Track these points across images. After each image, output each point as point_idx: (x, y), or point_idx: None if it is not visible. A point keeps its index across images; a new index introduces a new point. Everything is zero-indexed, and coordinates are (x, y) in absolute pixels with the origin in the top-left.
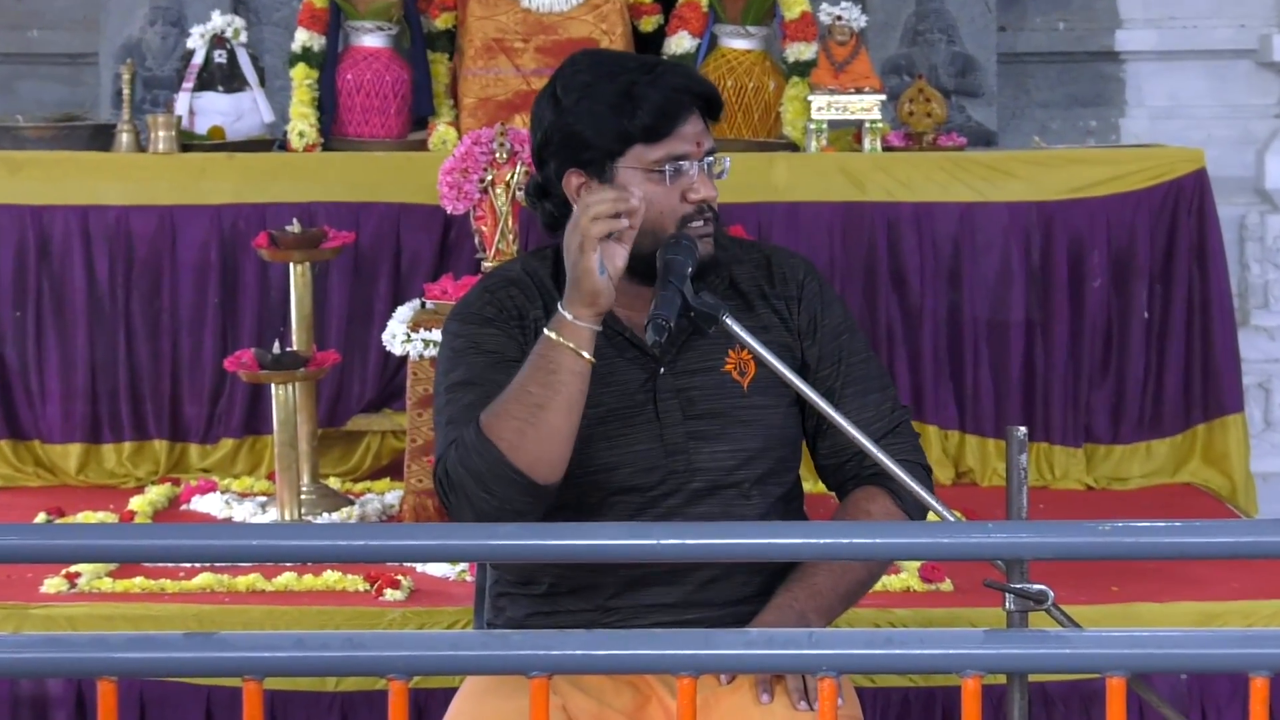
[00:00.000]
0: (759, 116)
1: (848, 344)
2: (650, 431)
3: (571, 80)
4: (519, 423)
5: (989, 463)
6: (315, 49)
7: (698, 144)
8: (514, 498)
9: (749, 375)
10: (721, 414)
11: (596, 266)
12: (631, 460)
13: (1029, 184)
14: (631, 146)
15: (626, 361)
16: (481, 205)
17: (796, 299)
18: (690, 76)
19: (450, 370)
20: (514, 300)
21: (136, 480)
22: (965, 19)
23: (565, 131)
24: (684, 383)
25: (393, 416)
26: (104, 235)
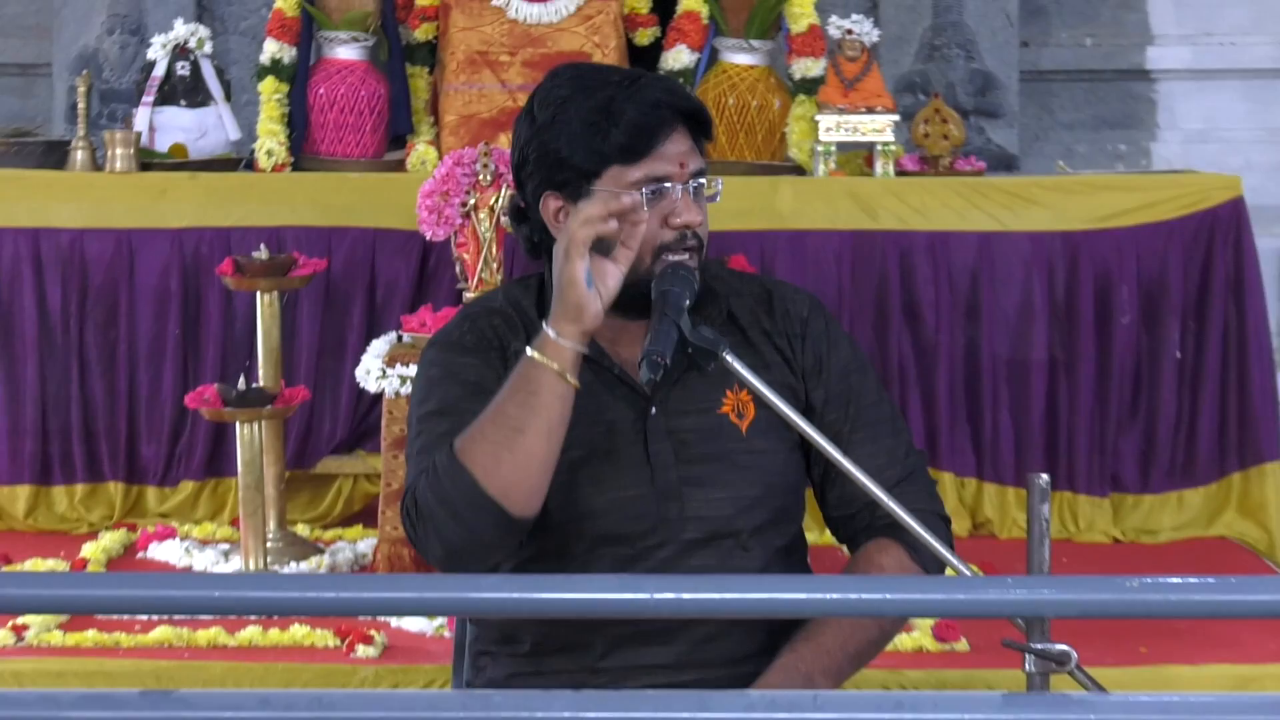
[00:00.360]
0: (762, 137)
1: (857, 385)
2: (640, 475)
3: (549, 95)
4: (494, 446)
5: (1008, 513)
6: (285, 61)
7: (681, 164)
8: (485, 529)
9: (748, 418)
10: (718, 458)
11: (583, 276)
12: (620, 506)
13: (1053, 212)
14: (608, 167)
15: (615, 399)
16: (463, 231)
17: (800, 336)
18: (673, 90)
19: (425, 399)
20: (496, 330)
21: (89, 525)
22: (985, 33)
23: (540, 151)
24: (677, 424)
25: (366, 458)
26: (56, 260)
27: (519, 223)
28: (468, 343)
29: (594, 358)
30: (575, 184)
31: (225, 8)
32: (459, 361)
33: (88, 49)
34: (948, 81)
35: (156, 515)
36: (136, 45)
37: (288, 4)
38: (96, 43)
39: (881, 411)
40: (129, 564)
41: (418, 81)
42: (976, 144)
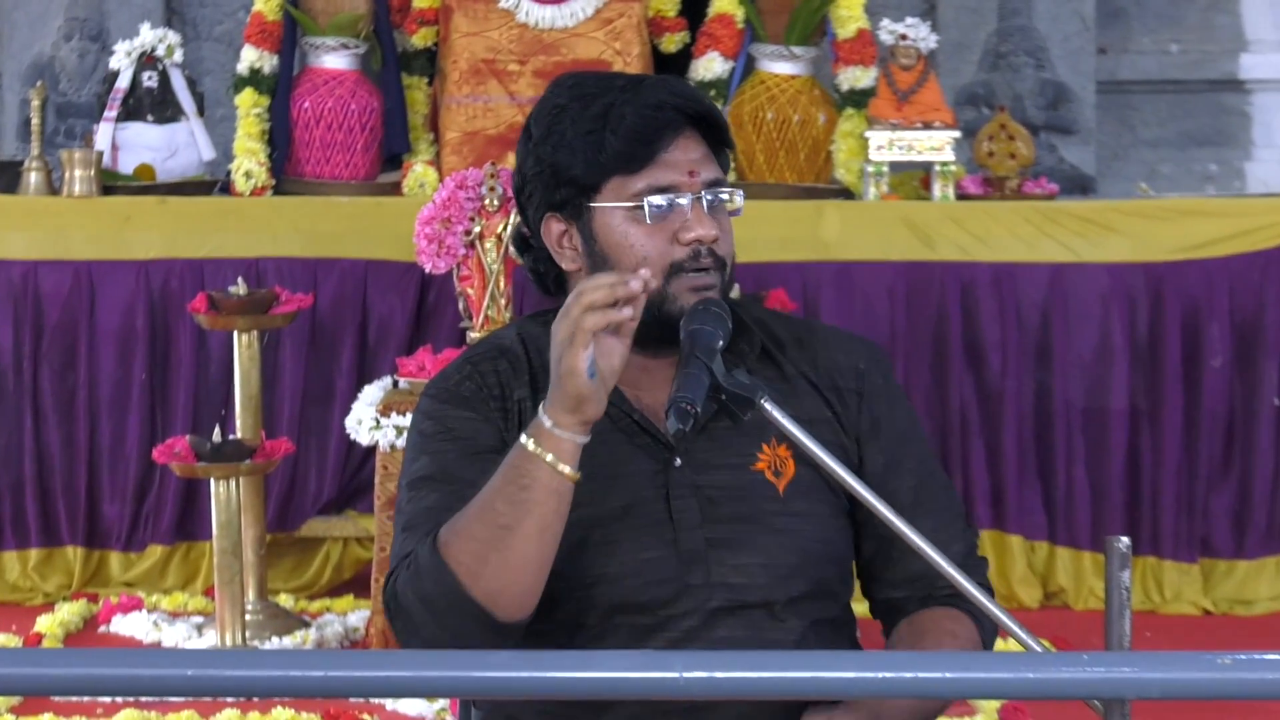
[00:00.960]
0: (805, 156)
1: (915, 452)
2: (661, 536)
3: (545, 106)
4: (480, 545)
5: (1084, 581)
6: (265, 71)
7: (690, 173)
8: (470, 633)
9: (786, 476)
10: (749, 519)
11: (585, 367)
12: (638, 570)
13: (1134, 241)
14: (608, 180)
15: (634, 450)
16: (467, 263)
17: (856, 392)
18: (678, 91)
19: (414, 459)
20: (499, 376)
21: (45, 595)
22: (1057, 38)
23: (537, 168)
24: (705, 479)
25: (357, 520)
26: (7, 296)
27: (523, 251)
28: (465, 392)
29: (613, 402)
30: (575, 202)
31: (197, 10)
32: (453, 415)
33: (42, 57)
34: (1015, 93)
35: (120, 584)
36: (97, 53)
37: (268, 6)
38: (52, 50)
39: (938, 481)
40: (90, 639)
41: (415, 94)
42: (1047, 164)
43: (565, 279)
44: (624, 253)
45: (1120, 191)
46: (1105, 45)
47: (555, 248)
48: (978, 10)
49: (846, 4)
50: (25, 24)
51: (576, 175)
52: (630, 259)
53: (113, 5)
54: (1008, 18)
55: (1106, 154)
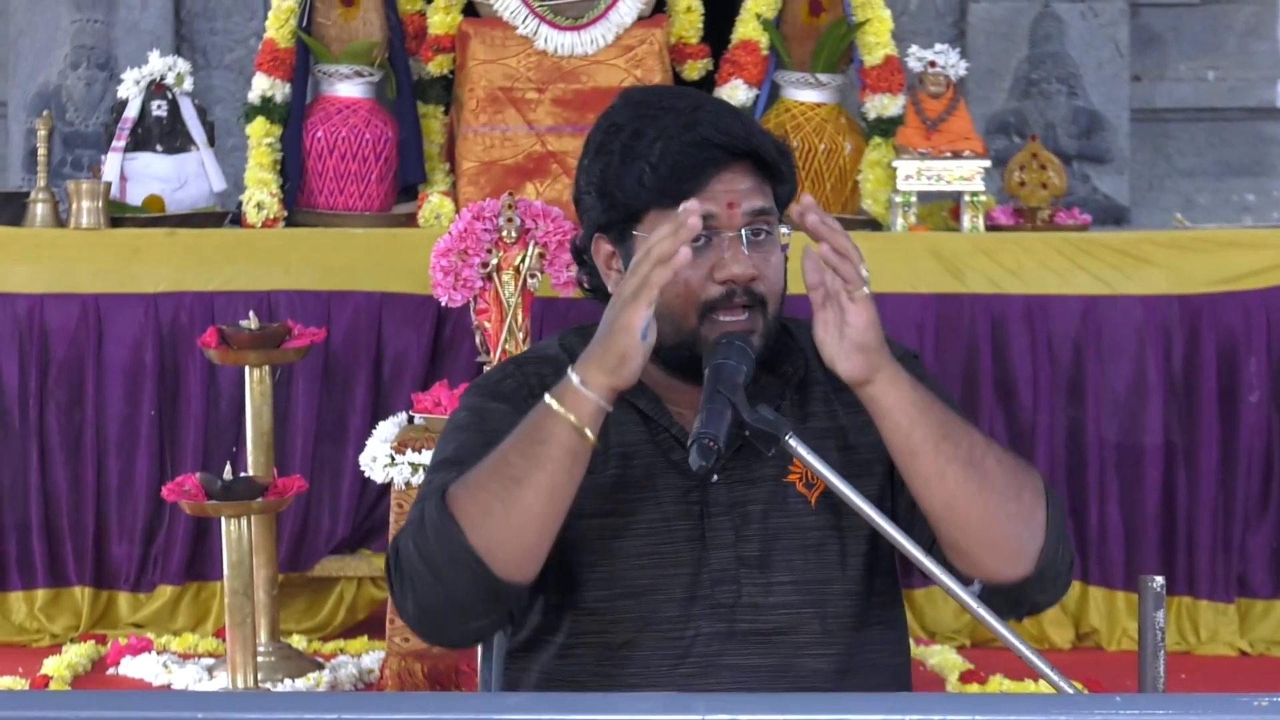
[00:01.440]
0: (831, 186)
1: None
2: (692, 554)
3: (604, 121)
4: (487, 496)
5: (1118, 621)
6: (277, 99)
7: (730, 204)
8: (465, 589)
9: (818, 488)
10: (782, 535)
11: (640, 324)
12: (668, 586)
13: (1169, 273)
14: (648, 210)
15: (669, 463)
16: (484, 295)
17: None
18: (724, 126)
19: (444, 446)
20: (542, 378)
21: (52, 637)
22: (1090, 66)
23: (589, 187)
24: (738, 494)
25: (371, 559)
26: (13, 330)
27: (579, 265)
28: (506, 389)
29: (649, 414)
30: (620, 227)
31: (208, 38)
32: (489, 407)
33: (48, 86)
34: (1047, 121)
35: (129, 625)
36: (105, 82)
37: (280, 34)
38: (59, 79)
39: None
40: (98, 681)
41: (431, 123)
42: (1080, 194)
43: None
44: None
45: (1155, 222)
46: (1140, 72)
47: (604, 268)
48: (1009, 36)
49: (874, 30)
50: (31, 52)
51: (621, 202)
52: (669, 291)
53: (120, 33)
54: (1040, 44)
55: (1141, 184)
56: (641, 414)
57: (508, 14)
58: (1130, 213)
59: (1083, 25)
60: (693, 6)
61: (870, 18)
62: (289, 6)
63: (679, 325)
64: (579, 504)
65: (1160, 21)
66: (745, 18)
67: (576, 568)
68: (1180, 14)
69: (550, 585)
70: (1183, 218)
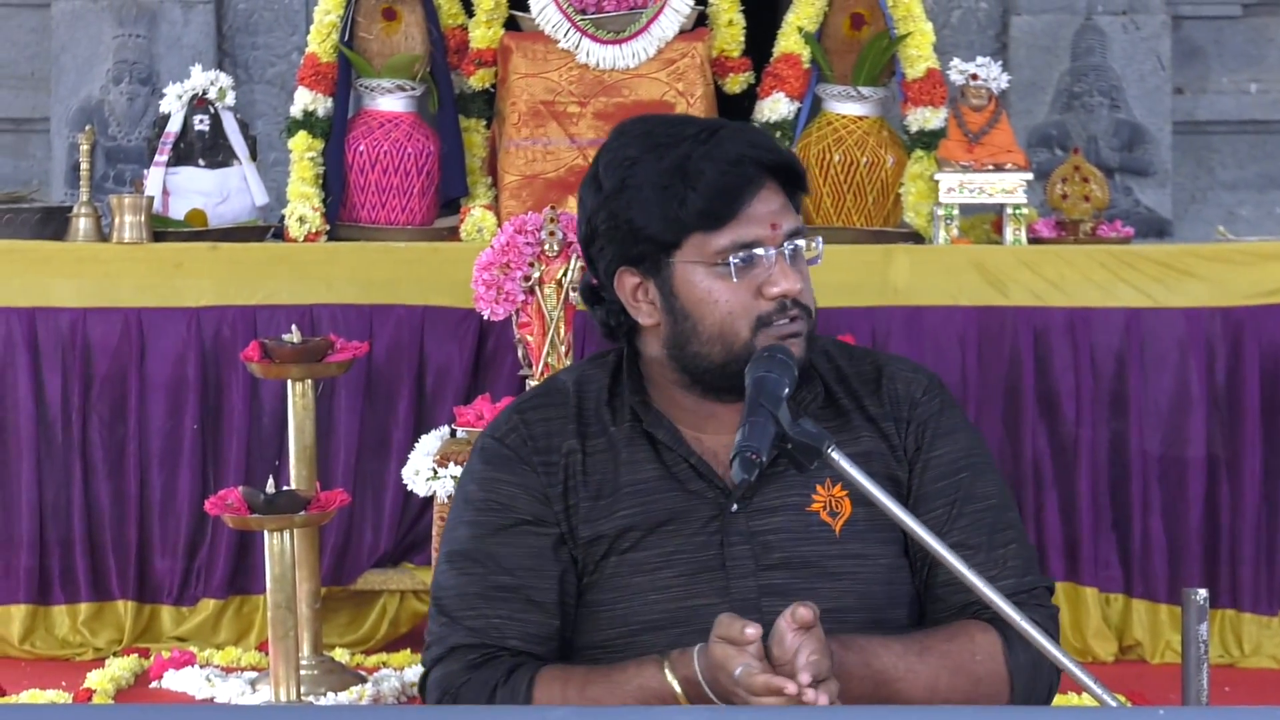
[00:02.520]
0: (874, 199)
1: (968, 485)
2: (714, 583)
3: (615, 156)
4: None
5: (1161, 634)
6: (319, 113)
7: (772, 226)
8: None
9: (842, 516)
10: (805, 564)
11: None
12: (689, 618)
13: (1212, 285)
14: (689, 236)
15: (688, 494)
16: (526, 309)
17: (906, 421)
18: (756, 142)
19: (455, 526)
20: (547, 426)
21: (95, 651)
22: (1133, 78)
23: (610, 222)
24: (759, 523)
25: (414, 573)
26: (56, 345)
27: (593, 304)
28: (509, 447)
29: (669, 444)
30: (653, 257)
31: (250, 53)
32: (496, 480)
33: (91, 101)
34: (1089, 134)
35: (172, 639)
36: (147, 96)
37: (322, 48)
38: (101, 94)
39: (999, 519)
40: (141, 695)
41: (473, 136)
42: (1123, 207)
43: (639, 331)
44: (708, 308)
45: (1198, 235)
46: (1182, 85)
47: (630, 301)
48: (1051, 49)
49: (916, 43)
50: (74, 67)
51: (655, 232)
52: (715, 314)
53: (163, 48)
54: (1081, 57)
55: (1184, 196)
56: (655, 448)
57: (550, 28)
58: (1172, 225)
59: (1125, 38)
60: (734, 20)
61: (912, 31)
62: (331, 21)
63: (730, 343)
64: (595, 549)
65: (1202, 34)
66: (787, 31)
67: (597, 607)
68: (1222, 26)
69: (573, 627)
70: (1225, 230)
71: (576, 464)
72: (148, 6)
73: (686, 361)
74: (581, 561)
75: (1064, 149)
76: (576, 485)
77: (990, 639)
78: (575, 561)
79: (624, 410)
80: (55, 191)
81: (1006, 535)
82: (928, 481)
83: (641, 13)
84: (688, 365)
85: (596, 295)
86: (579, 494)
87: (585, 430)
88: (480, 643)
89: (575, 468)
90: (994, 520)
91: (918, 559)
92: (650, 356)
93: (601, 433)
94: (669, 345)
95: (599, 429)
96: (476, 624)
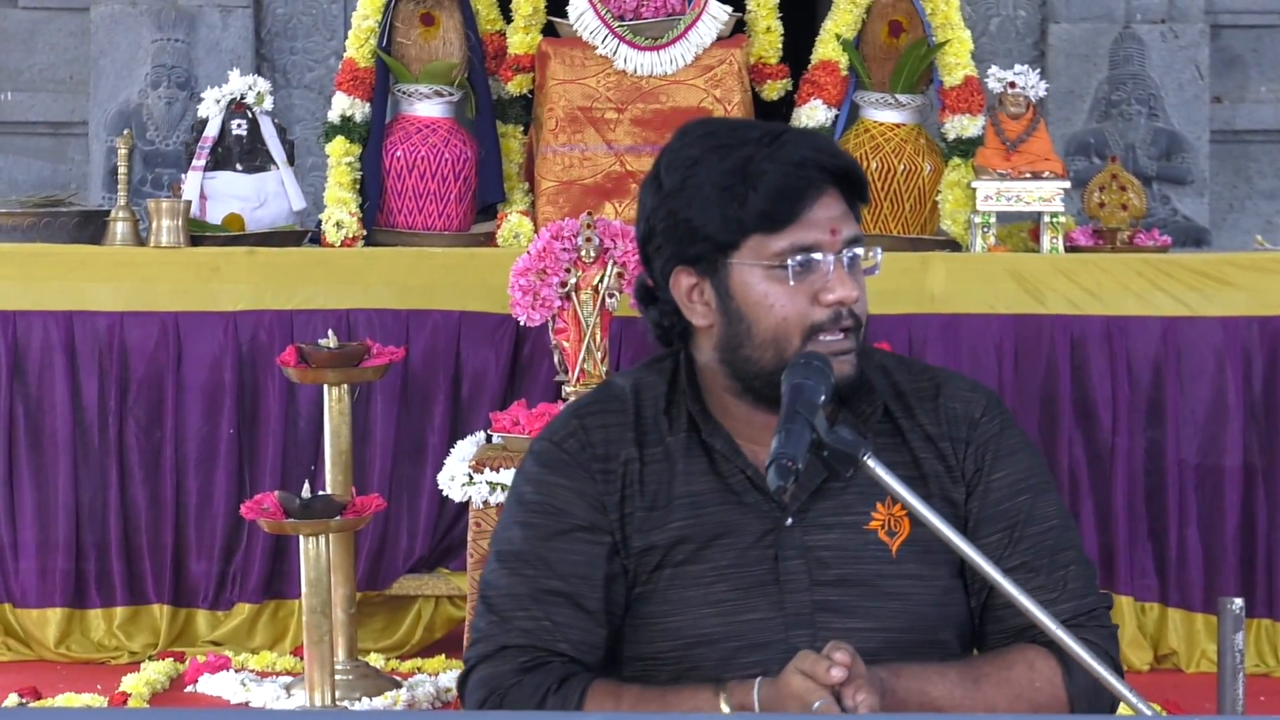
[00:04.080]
0: (911, 206)
1: (1028, 507)
2: (768, 598)
3: (677, 156)
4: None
5: (1196, 644)
6: (357, 119)
7: (832, 231)
8: None
9: (900, 536)
10: (860, 582)
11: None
12: (742, 633)
13: (1250, 294)
14: (747, 238)
15: (744, 507)
16: (562, 315)
17: (965, 441)
18: (820, 146)
19: (508, 526)
20: (606, 433)
21: (130, 654)
22: (1171, 87)
23: (669, 221)
24: (815, 539)
25: (450, 578)
26: (93, 348)
27: (647, 304)
28: (567, 452)
29: (725, 455)
30: (710, 258)
31: (288, 58)
32: (552, 484)
33: (129, 105)
34: (1127, 143)
35: (207, 643)
36: (185, 101)
37: (360, 53)
38: (139, 98)
39: (1059, 540)
40: (177, 699)
41: (510, 142)
42: (1160, 215)
43: (692, 336)
44: (763, 311)
45: (1235, 244)
46: (1220, 94)
47: (684, 301)
48: (1089, 58)
49: (954, 51)
50: (112, 71)
51: (713, 232)
52: (770, 318)
53: (201, 52)
54: (1120, 65)
55: (1221, 205)
56: (712, 458)
57: (587, 34)
58: (1210, 234)
59: (1163, 46)
60: (772, 27)
61: (950, 38)
62: (369, 26)
63: (783, 349)
64: (648, 559)
65: (1241, 43)
66: (825, 38)
67: (649, 619)
68: (1261, 35)
69: (623, 637)
70: (1263, 239)
71: (634, 473)
72: (186, 11)
73: (738, 366)
74: (634, 571)
75: (1101, 157)
76: (633, 494)
77: (1049, 665)
78: (626, 571)
79: (681, 419)
80: (93, 195)
81: (1066, 556)
82: (988, 505)
83: (679, 19)
84: (739, 370)
85: (651, 295)
86: (635, 503)
87: (643, 439)
88: (532, 644)
89: (632, 476)
90: (1055, 542)
91: (974, 580)
92: (703, 363)
93: (659, 441)
94: (722, 348)
95: (656, 437)
96: (529, 625)
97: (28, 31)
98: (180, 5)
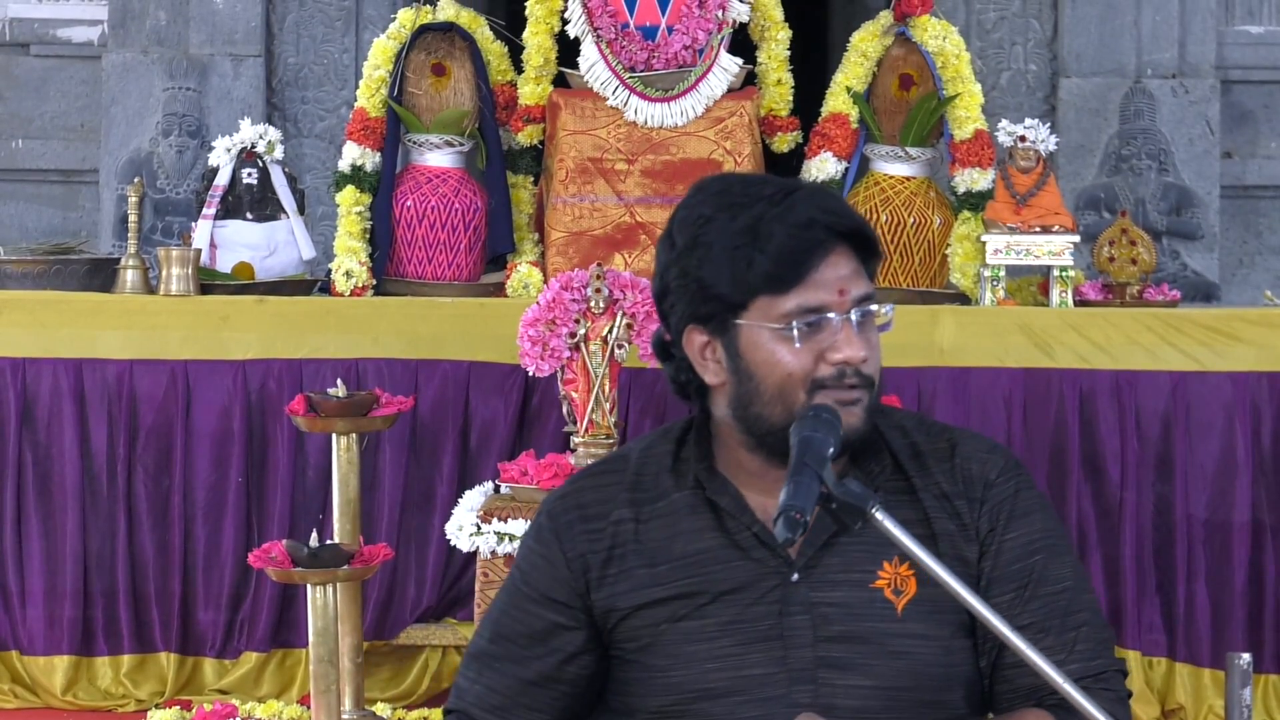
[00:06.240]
0: (920, 259)
1: (1041, 567)
2: (770, 653)
3: (690, 214)
4: None
5: (1204, 699)
6: (367, 168)
7: (840, 291)
8: None
9: (907, 595)
10: (864, 639)
11: None
12: (744, 687)
13: (1259, 350)
14: (755, 298)
15: (750, 561)
16: (571, 366)
17: (980, 500)
18: (828, 207)
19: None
20: (599, 493)
21: (137, 703)
22: (1181, 142)
23: (681, 279)
24: (821, 595)
25: (457, 628)
26: (102, 396)
27: (664, 359)
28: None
29: (731, 511)
30: (721, 317)
31: (299, 107)
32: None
33: (140, 153)
34: (1137, 197)
35: (214, 691)
36: (196, 149)
37: (371, 103)
38: (150, 146)
39: (1070, 602)
40: None
41: (520, 193)
42: (1170, 270)
43: (709, 390)
44: (771, 370)
45: (1245, 299)
46: (1231, 149)
47: (698, 359)
48: (1099, 112)
49: (964, 104)
50: (123, 119)
51: (723, 292)
52: (775, 375)
53: (212, 101)
54: (1130, 120)
55: (1231, 260)
56: (718, 515)
57: (598, 85)
58: (1220, 289)
59: (1174, 102)
60: (783, 79)
61: (961, 92)
62: (380, 76)
63: (790, 405)
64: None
65: (1252, 98)
66: (835, 91)
67: (653, 672)
68: (1272, 90)
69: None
70: (1273, 295)
71: (628, 532)
72: (198, 60)
73: (750, 423)
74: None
75: (1111, 212)
76: (625, 553)
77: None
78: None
79: (687, 476)
80: (103, 243)
81: (1078, 618)
82: (1001, 564)
83: (690, 71)
84: (751, 426)
85: (667, 351)
86: (628, 561)
87: (639, 498)
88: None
89: (625, 535)
90: (1067, 604)
91: (985, 639)
92: (719, 417)
93: (661, 498)
94: (734, 405)
95: (657, 495)
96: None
97: (40, 79)
98: (192, 54)
